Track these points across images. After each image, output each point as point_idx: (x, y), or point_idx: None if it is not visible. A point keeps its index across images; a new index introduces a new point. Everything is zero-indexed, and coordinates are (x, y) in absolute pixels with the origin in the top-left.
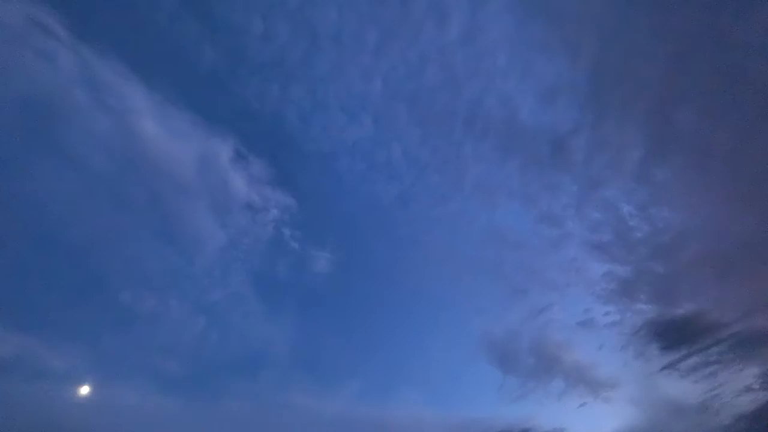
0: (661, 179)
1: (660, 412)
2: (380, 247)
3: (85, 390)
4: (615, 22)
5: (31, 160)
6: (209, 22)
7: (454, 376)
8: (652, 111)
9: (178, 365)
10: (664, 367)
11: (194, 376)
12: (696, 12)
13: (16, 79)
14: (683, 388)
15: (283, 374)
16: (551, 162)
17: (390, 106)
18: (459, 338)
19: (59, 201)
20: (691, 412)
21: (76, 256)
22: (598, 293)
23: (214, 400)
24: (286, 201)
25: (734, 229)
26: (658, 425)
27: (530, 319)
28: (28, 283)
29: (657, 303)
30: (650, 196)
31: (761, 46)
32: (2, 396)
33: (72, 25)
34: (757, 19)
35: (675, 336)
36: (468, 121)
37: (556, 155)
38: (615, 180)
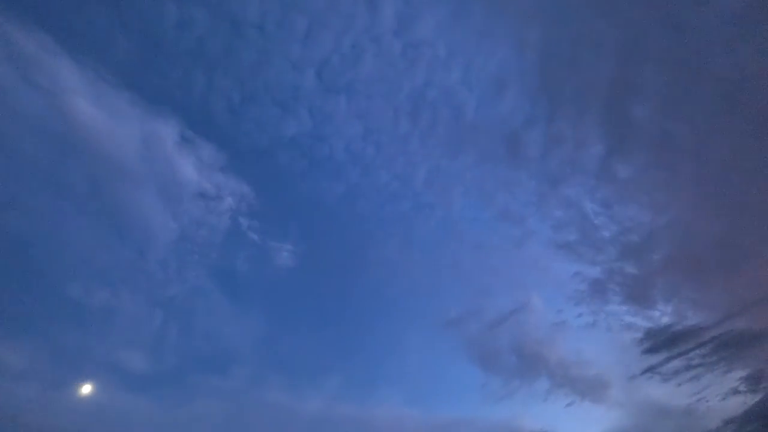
0: (624, 176)
1: (646, 415)
2: (341, 242)
3: (86, 389)
4: (562, 7)
5: None
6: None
7: (436, 374)
8: (608, 104)
9: (143, 362)
10: (645, 371)
11: (161, 374)
12: None
13: None
14: (667, 391)
15: (256, 371)
16: (506, 157)
17: (326, 98)
18: (436, 336)
19: None
20: (677, 415)
21: (14, 248)
22: (569, 294)
23: (185, 399)
24: (241, 189)
25: (706, 229)
26: (645, 428)
27: (504, 320)
28: None
29: (632, 305)
30: (614, 193)
31: (721, 35)
32: None
33: None
34: (716, 6)
35: (654, 339)
36: (412, 115)
37: (511, 150)
38: (575, 176)
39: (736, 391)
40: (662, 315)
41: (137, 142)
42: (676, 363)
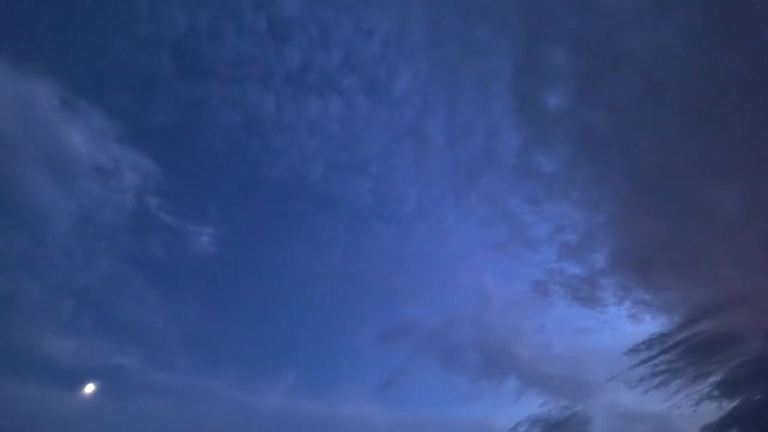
0: (549, 170)
1: (617, 420)
2: (269, 226)
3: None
4: None
5: None
6: None
7: (401, 372)
8: (517, 91)
9: (68, 356)
10: (609, 379)
11: (91, 369)
12: None
13: None
14: (633, 397)
15: (201, 364)
16: (411, 148)
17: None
18: (394, 332)
19: None
20: (651, 421)
21: None
22: (512, 295)
23: (121, 395)
24: (144, 164)
25: (650, 227)
26: None
27: (457, 319)
28: None
29: (580, 309)
30: (542, 189)
31: (637, 15)
32: None
33: None
34: None
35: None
36: (294, 101)
37: (413, 140)
38: (492, 170)
39: (710, 396)
40: (617, 318)
41: (11, 106)
42: (641, 369)
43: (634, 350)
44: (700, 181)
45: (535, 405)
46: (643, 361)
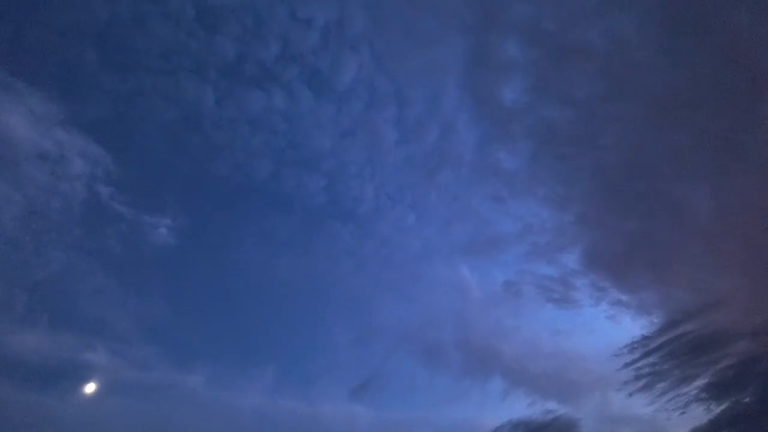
0: (511, 167)
1: (603, 424)
2: (227, 221)
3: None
4: None
5: None
6: None
7: (382, 371)
8: (468, 83)
9: (29, 354)
10: (593, 381)
11: (56, 367)
12: None
13: None
14: (619, 400)
15: (172, 363)
16: (360, 140)
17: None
18: (372, 330)
19: None
20: (637, 425)
21: None
22: (483, 296)
23: (90, 394)
24: (92, 150)
25: (622, 226)
26: None
27: (431, 320)
28: None
29: (556, 310)
30: (506, 186)
31: (594, 5)
32: None
33: None
34: None
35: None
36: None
37: (363, 132)
38: (450, 166)
39: (698, 399)
40: (594, 319)
41: None
42: (625, 373)
43: (616, 354)
44: (669, 179)
45: (522, 405)
46: (626, 365)
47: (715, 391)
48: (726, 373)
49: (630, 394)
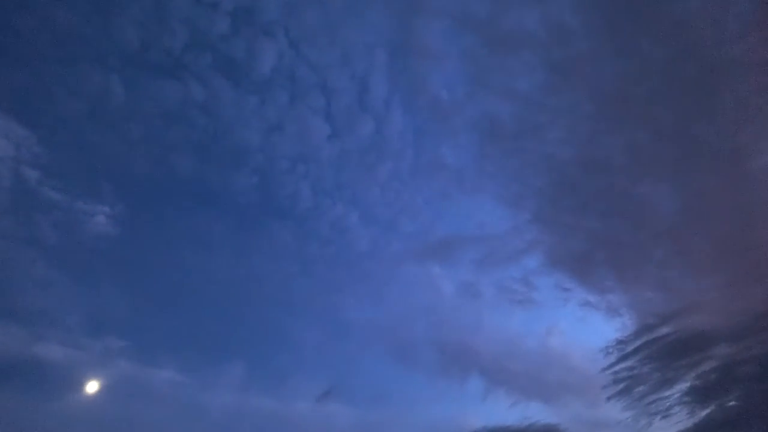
0: (456, 163)
1: (584, 428)
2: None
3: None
4: None
5: None
6: None
7: (355, 370)
8: (396, 71)
9: None
10: (571, 384)
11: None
12: None
13: None
14: (598, 404)
15: (133, 358)
16: (289, 134)
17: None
18: (333, 330)
19: None
20: (617, 428)
21: None
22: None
23: (46, 392)
24: (14, 130)
25: (582, 225)
26: None
27: (397, 320)
28: None
29: (520, 310)
30: (452, 183)
31: None
32: None
33: None
34: None
35: None
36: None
37: (291, 126)
38: (387, 160)
39: (681, 403)
40: (563, 321)
41: None
42: (603, 377)
43: (591, 359)
44: (629, 175)
45: (504, 405)
46: (604, 369)
47: (698, 394)
48: (708, 376)
49: (608, 398)
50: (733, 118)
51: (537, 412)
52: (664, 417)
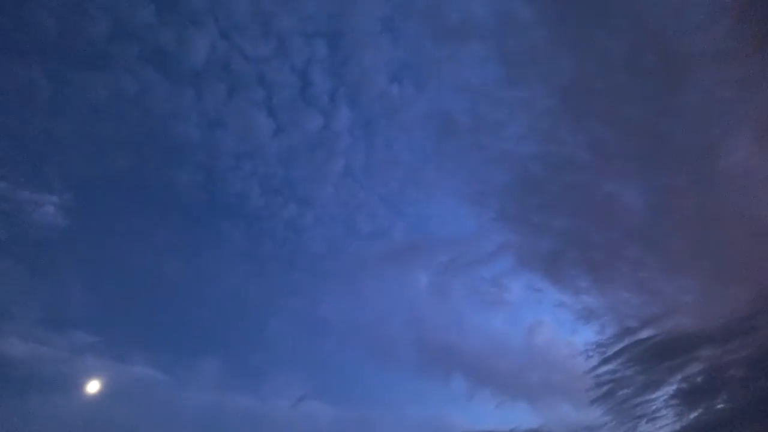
0: (412, 160)
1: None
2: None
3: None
4: None
5: None
6: None
7: (339, 369)
8: (336, 63)
9: None
10: (552, 387)
11: None
12: None
13: None
14: (581, 408)
15: (101, 353)
16: (231, 130)
17: None
18: (323, 327)
19: None
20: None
21: None
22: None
23: (10, 392)
24: None
25: (551, 224)
26: None
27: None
28: None
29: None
30: (409, 181)
31: None
32: None
33: None
34: None
35: None
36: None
37: (231, 120)
38: (338, 157)
39: (668, 406)
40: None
41: None
42: (585, 380)
43: (571, 362)
44: (596, 173)
45: (490, 406)
46: (585, 372)
47: (685, 397)
48: (695, 379)
49: (592, 402)
50: (701, 114)
51: (522, 414)
52: (650, 420)
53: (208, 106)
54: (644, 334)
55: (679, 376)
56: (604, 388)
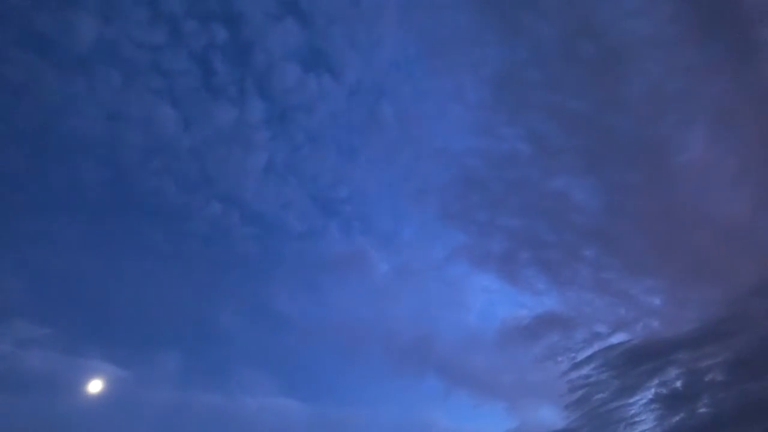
0: (337, 158)
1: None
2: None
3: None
4: None
5: None
6: None
7: (309, 366)
8: (221, 45)
9: None
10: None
11: None
12: None
13: None
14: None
15: (48, 346)
16: (140, 126)
17: None
18: (286, 324)
19: None
20: None
21: None
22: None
23: None
24: None
25: (499, 223)
26: None
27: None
28: None
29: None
30: (339, 179)
31: None
32: None
33: None
34: None
35: None
36: None
37: (136, 115)
38: (252, 152)
39: (647, 410)
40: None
41: None
42: (558, 385)
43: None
44: (539, 170)
45: (467, 406)
46: (558, 377)
47: (665, 402)
48: (674, 383)
49: (566, 407)
50: (648, 106)
51: (499, 417)
52: (629, 425)
53: (103, 97)
54: (615, 339)
55: (656, 381)
56: (578, 393)
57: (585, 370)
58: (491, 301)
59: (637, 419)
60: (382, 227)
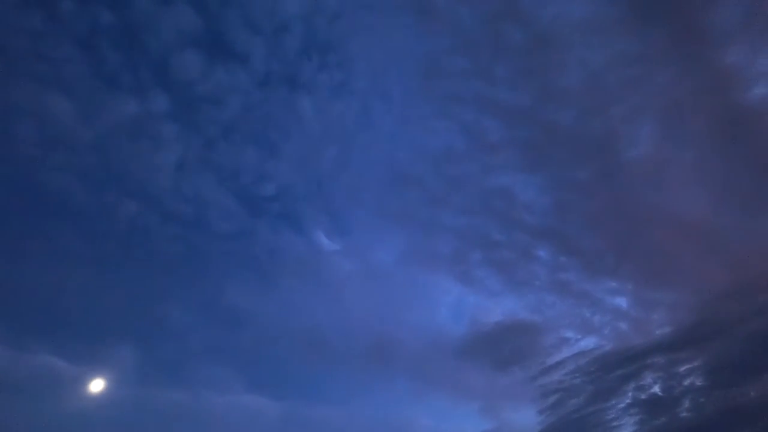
0: (253, 155)
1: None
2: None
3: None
4: None
5: None
6: None
7: (276, 363)
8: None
9: None
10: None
11: None
12: None
13: None
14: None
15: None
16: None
17: None
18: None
19: None
20: None
21: None
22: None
23: None
24: None
25: (439, 221)
26: None
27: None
28: None
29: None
30: (260, 176)
31: None
32: None
33: None
34: None
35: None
36: None
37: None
38: (168, 146)
39: (628, 414)
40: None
41: None
42: (531, 390)
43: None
44: (478, 166)
45: (444, 405)
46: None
47: (645, 407)
48: (651, 388)
49: (540, 411)
50: (591, 99)
51: (477, 418)
52: (607, 429)
53: None
54: (585, 343)
55: (632, 385)
56: (552, 398)
57: (557, 376)
58: (455, 303)
59: (615, 423)
60: (320, 226)
